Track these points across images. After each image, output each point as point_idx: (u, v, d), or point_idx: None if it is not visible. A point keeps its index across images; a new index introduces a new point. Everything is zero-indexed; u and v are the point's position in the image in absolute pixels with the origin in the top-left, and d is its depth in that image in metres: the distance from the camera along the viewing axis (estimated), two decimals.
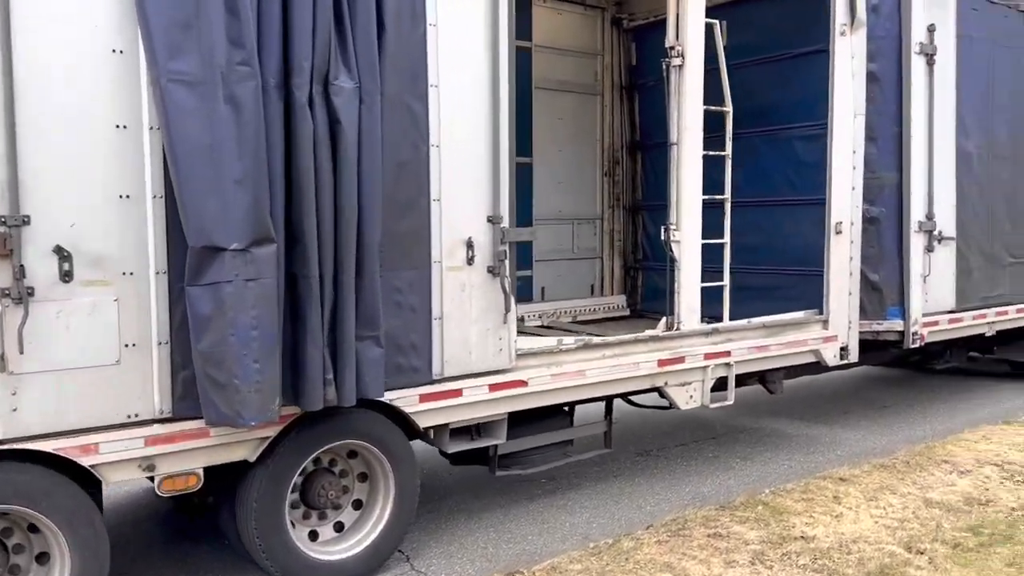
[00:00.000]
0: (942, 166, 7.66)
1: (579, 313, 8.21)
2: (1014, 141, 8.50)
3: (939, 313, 7.73)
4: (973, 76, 7.97)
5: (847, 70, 6.61)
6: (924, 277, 7.50)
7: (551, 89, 8.13)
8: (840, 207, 6.67)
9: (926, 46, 7.37)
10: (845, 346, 6.82)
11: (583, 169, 8.53)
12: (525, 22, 7.89)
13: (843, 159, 6.66)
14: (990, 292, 8.29)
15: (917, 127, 7.34)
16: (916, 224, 7.38)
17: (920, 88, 7.36)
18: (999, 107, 8.29)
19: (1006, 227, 8.44)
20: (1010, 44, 8.36)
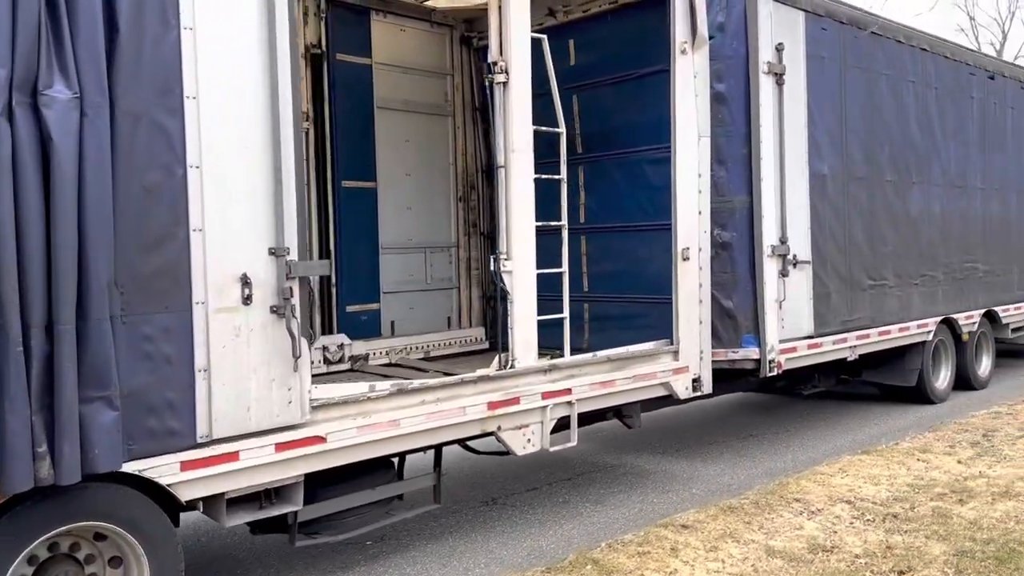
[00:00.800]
0: (795, 189, 7.50)
1: (432, 348, 7.67)
2: (870, 163, 8.48)
3: (797, 339, 7.53)
4: (825, 97, 7.89)
5: (690, 90, 6.34)
6: (779, 302, 7.28)
7: (396, 109, 7.61)
8: (687, 232, 6.36)
9: (774, 66, 7.21)
10: (697, 377, 6.49)
11: (435, 194, 8.03)
12: (363, 37, 7.41)
13: (688, 182, 6.37)
14: (850, 316, 8.18)
15: (767, 149, 7.15)
16: (769, 248, 7.17)
17: (769, 109, 7.18)
18: (853, 129, 8.24)
19: (864, 250, 8.37)
20: (862, 65, 8.35)
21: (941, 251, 9.60)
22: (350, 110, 7.22)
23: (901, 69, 8.95)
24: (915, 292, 9.15)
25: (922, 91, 9.30)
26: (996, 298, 10.76)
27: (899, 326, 8.86)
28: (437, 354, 7.63)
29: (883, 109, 8.68)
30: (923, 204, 9.31)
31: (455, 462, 6.64)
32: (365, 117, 7.36)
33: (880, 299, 8.59)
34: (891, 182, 8.80)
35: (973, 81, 10.25)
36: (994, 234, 10.70)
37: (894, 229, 8.83)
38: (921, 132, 9.30)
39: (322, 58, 6.99)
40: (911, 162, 9.13)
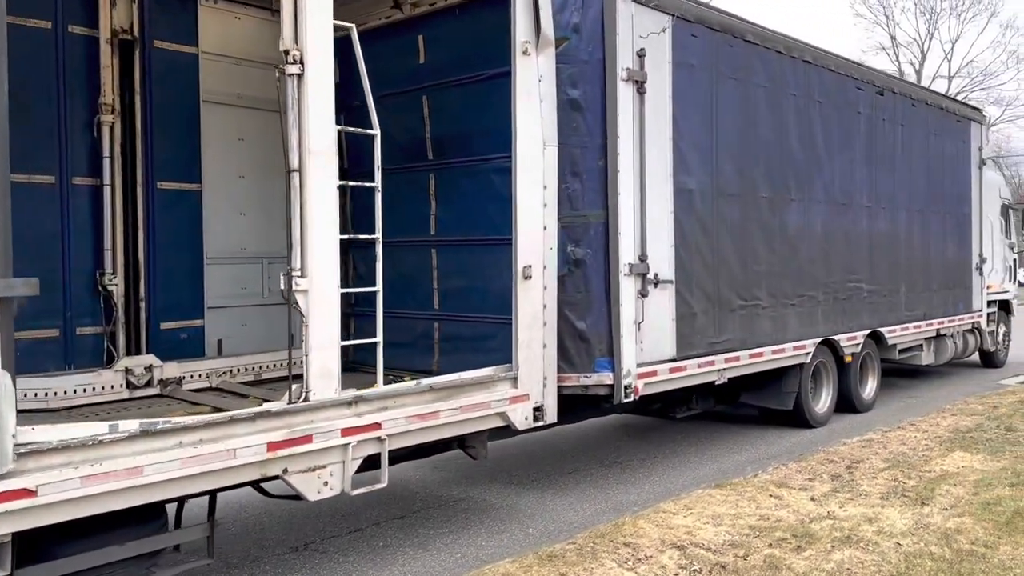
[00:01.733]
0: (657, 204, 7.06)
1: (267, 370, 6.97)
2: (743, 179, 8.12)
3: (658, 362, 7.09)
4: (694, 108, 7.49)
5: (533, 94, 5.82)
6: (638, 324, 6.83)
7: (228, 104, 6.91)
8: (530, 248, 5.84)
9: (635, 72, 6.76)
10: (540, 406, 5.96)
11: (276, 199, 7.32)
12: (188, 24, 6.69)
13: (532, 195, 5.85)
14: (718, 337, 7.79)
15: (625, 161, 6.68)
16: (626, 267, 6.71)
17: (628, 118, 6.73)
18: (725, 143, 7.86)
19: (735, 269, 8.01)
20: (737, 76, 7.99)
21: (822, 270, 9.33)
22: (169, 104, 6.50)
23: (781, 81, 8.64)
24: (792, 312, 8.85)
25: (804, 105, 9.03)
26: (882, 319, 10.58)
27: (773, 348, 8.54)
28: (270, 376, 6.94)
29: (760, 122, 8.35)
30: (802, 222, 9.02)
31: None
32: (188, 112, 6.64)
33: (752, 320, 8.24)
34: (767, 199, 8.48)
35: (860, 96, 10.05)
36: (881, 253, 10.52)
37: (769, 247, 8.51)
38: (802, 147, 9.01)
39: (134, 45, 6.25)
40: (790, 178, 8.83)
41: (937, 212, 11.97)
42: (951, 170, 12.42)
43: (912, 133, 11.26)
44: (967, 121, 13.01)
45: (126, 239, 6.27)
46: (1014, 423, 8.25)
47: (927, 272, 11.64)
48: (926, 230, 11.65)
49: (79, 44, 6.03)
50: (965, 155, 12.93)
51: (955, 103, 13.25)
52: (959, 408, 9.62)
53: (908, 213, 11.19)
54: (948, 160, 12.33)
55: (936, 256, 11.92)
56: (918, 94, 11.58)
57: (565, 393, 6.72)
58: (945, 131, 12.22)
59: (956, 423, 8.54)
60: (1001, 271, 14.77)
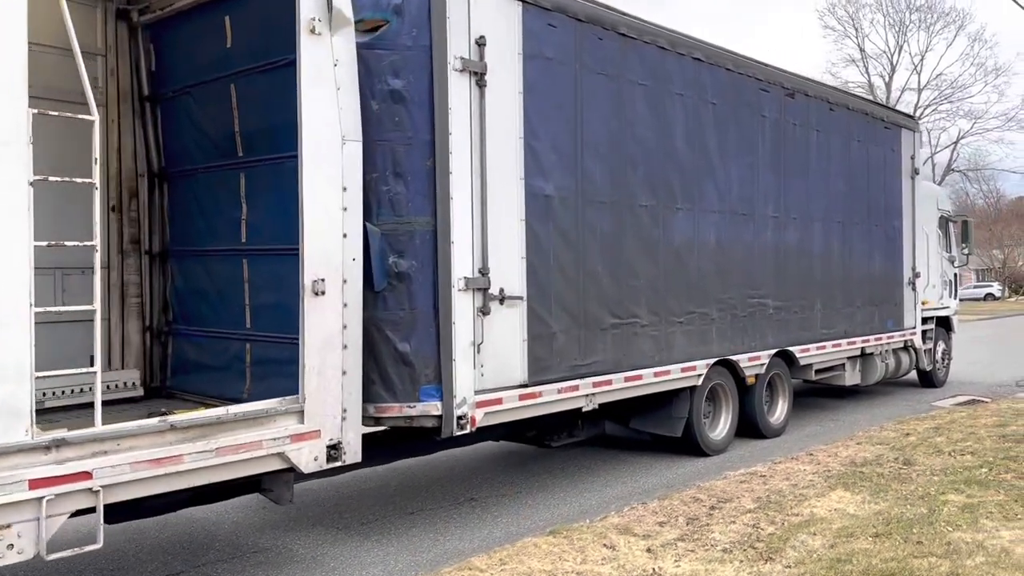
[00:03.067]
0: (504, 210, 6.29)
1: (51, 396, 6.11)
2: (616, 185, 7.37)
3: (504, 389, 6.30)
4: (553, 106, 6.73)
5: (327, 81, 5.06)
6: (477, 346, 6.04)
7: None
8: (322, 259, 5.06)
9: (472, 63, 6.00)
10: (336, 443, 5.16)
11: (76, 202, 6.49)
12: None
13: (325, 197, 5.09)
14: (584, 359, 7.01)
15: (459, 161, 5.91)
16: (461, 281, 5.93)
17: (464, 114, 5.96)
18: (593, 145, 7.11)
19: (606, 284, 7.24)
20: (608, 72, 7.25)
21: (717, 285, 8.60)
22: None
23: (665, 79, 7.92)
24: (679, 331, 8.10)
25: (695, 106, 8.31)
26: (792, 337, 9.85)
27: (656, 370, 7.78)
28: (55, 404, 6.07)
29: (638, 124, 7.61)
30: (692, 233, 8.29)
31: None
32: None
33: (628, 339, 7.47)
34: (648, 207, 7.73)
35: (765, 98, 9.35)
36: (791, 267, 9.81)
37: (650, 260, 7.76)
38: (692, 153, 8.29)
39: None
40: (676, 186, 8.09)
41: (861, 224, 11.30)
42: (878, 180, 11.76)
43: (830, 140, 10.59)
44: (896, 128, 12.37)
45: None
46: (915, 455, 7.53)
47: (848, 287, 10.94)
48: (847, 243, 10.97)
49: None
50: (895, 164, 12.29)
51: (883, 109, 12.61)
52: (870, 435, 8.90)
53: (825, 225, 10.50)
54: (874, 169, 11.68)
55: (859, 270, 11.23)
56: (837, 98, 10.90)
57: (389, 426, 5.95)
58: (871, 138, 11.57)
59: (856, 453, 7.81)
60: (939, 286, 14.11)
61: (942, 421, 9.45)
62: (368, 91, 5.68)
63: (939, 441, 8.09)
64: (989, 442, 7.93)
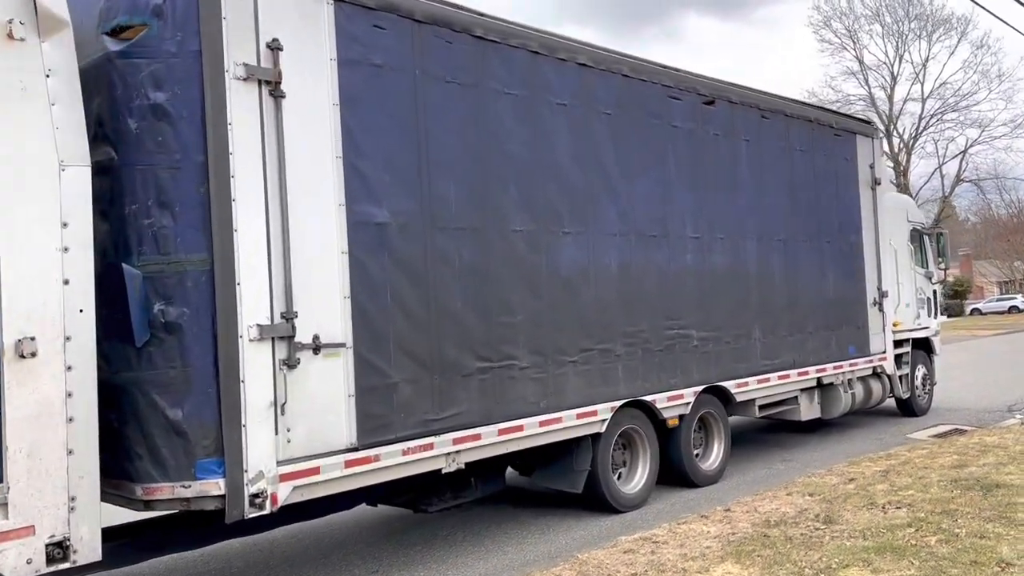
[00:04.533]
0: (316, 243, 5.34)
1: None
2: (479, 208, 6.41)
3: (322, 456, 5.29)
4: (386, 120, 5.80)
5: (35, 94, 4.15)
6: (280, 406, 5.05)
7: None
8: (30, 313, 4.10)
9: (260, 70, 5.09)
10: (62, 540, 4.15)
11: None
12: None
13: (33, 236, 4.13)
14: (441, 412, 6.00)
15: (247, 186, 4.97)
16: (253, 329, 4.95)
17: (251, 131, 5.03)
18: (444, 163, 6.16)
19: (470, 322, 6.25)
20: (462, 79, 6.33)
21: (622, 317, 7.57)
22: None
23: (542, 88, 6.97)
24: (572, 372, 7.06)
25: (584, 117, 7.35)
26: (725, 370, 8.77)
27: (542, 418, 6.74)
28: None
29: (508, 138, 6.66)
30: (586, 259, 7.29)
31: None
32: None
33: (502, 385, 6.45)
34: (524, 232, 6.75)
35: (676, 107, 8.38)
36: (720, 292, 8.76)
37: (530, 292, 6.76)
38: (583, 169, 7.32)
39: None
40: (563, 207, 7.11)
41: (809, 241, 10.24)
42: (829, 192, 10.72)
43: (764, 150, 9.58)
44: (850, 135, 11.34)
45: None
46: (843, 510, 6.41)
47: (796, 312, 9.86)
48: (792, 263, 9.90)
49: None
50: (849, 174, 11.24)
51: (832, 114, 11.55)
52: (808, 482, 7.79)
53: (762, 244, 9.45)
54: (824, 181, 10.64)
55: (809, 292, 10.15)
56: (771, 104, 9.87)
57: (164, 510, 4.95)
58: (817, 147, 10.56)
59: (778, 508, 6.71)
60: (915, 306, 12.91)
61: (897, 461, 8.31)
62: (125, 108, 4.80)
63: (879, 489, 6.97)
64: (935, 489, 6.80)
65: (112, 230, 4.85)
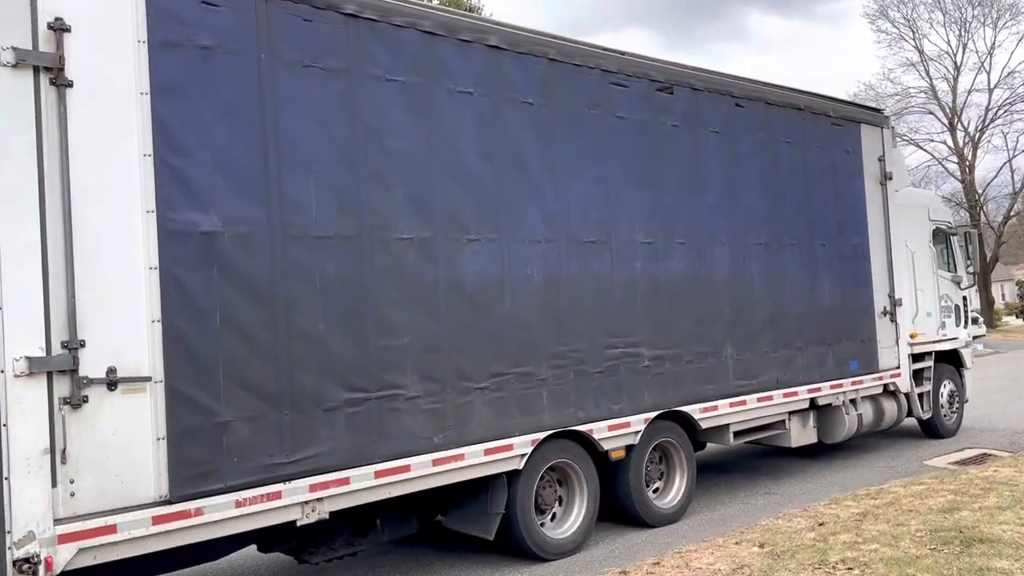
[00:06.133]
0: (114, 257, 4.52)
1: None
2: (350, 213, 5.50)
3: (121, 511, 4.44)
4: (218, 112, 4.94)
5: None
6: (59, 452, 4.24)
7: None
8: None
9: (38, 55, 4.28)
10: None
11: None
12: None
13: None
14: (292, 454, 5.11)
15: (13, 193, 4.19)
16: (21, 363, 4.17)
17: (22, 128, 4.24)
18: (301, 161, 5.28)
19: (335, 346, 5.34)
20: (326, 64, 5.45)
21: (547, 335, 6.58)
22: None
23: (438, 75, 6.04)
24: (480, 400, 6.11)
25: (495, 108, 6.39)
26: (687, 393, 7.68)
27: (435, 456, 5.80)
28: None
29: (390, 132, 5.75)
30: (498, 270, 6.32)
31: None
32: None
33: (381, 419, 5.53)
34: (413, 240, 5.82)
35: (621, 95, 7.34)
36: (680, 305, 7.68)
37: (422, 310, 5.83)
38: (493, 167, 6.36)
39: None
40: (466, 210, 6.16)
41: (798, 244, 9.05)
42: (825, 189, 9.51)
43: (739, 143, 8.46)
44: (852, 125, 10.09)
45: None
46: (782, 572, 5.30)
47: (780, 325, 8.69)
48: (776, 270, 8.74)
49: None
50: (851, 168, 9.99)
51: (829, 101, 10.20)
52: (768, 527, 6.66)
53: (736, 249, 8.31)
54: (817, 176, 9.44)
55: (798, 302, 8.96)
56: (748, 90, 8.69)
57: None
58: (810, 138, 9.38)
59: (710, 565, 5.61)
60: (938, 314, 11.52)
61: (882, 501, 7.11)
62: None
63: (841, 541, 5.82)
64: (906, 543, 5.63)
65: None
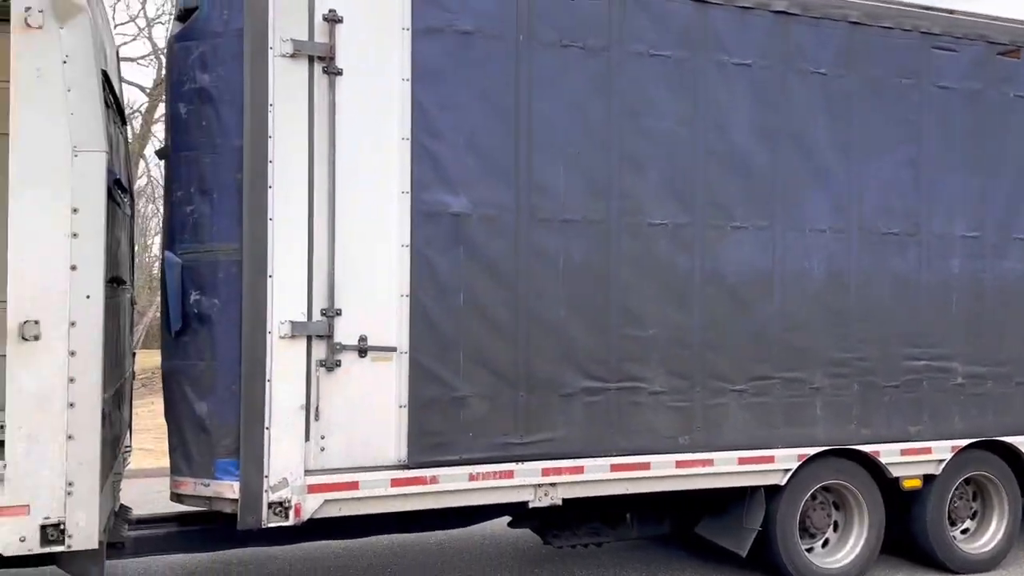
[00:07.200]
0: (369, 234, 4.80)
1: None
2: (600, 196, 5.30)
3: (363, 470, 4.76)
4: (474, 94, 5.01)
5: (52, 81, 4.18)
6: (313, 410, 4.64)
7: None
8: (35, 296, 4.16)
9: (313, 45, 4.67)
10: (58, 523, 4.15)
11: None
12: None
13: (41, 221, 4.18)
14: (525, 436, 5.09)
15: (286, 173, 4.60)
16: (285, 326, 4.59)
17: (298, 112, 4.64)
18: (551, 144, 5.18)
19: (575, 332, 5.21)
20: (585, 42, 5.26)
21: (826, 339, 5.82)
22: None
23: (707, 46, 5.54)
24: (735, 404, 5.59)
25: (778, 80, 5.74)
26: (1018, 421, 6.39)
27: (679, 457, 5.44)
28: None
29: (648, 112, 5.41)
30: (768, 261, 5.70)
31: None
32: None
33: (620, 411, 5.30)
34: (666, 226, 5.46)
35: (948, 61, 6.21)
36: (1014, 314, 6.38)
37: (672, 301, 5.45)
38: (770, 146, 5.73)
39: None
40: (732, 194, 5.63)
41: None
42: None
43: None
44: None
45: None
46: None
47: None
48: None
49: None
50: None
51: None
52: None
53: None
54: None
55: None
56: None
57: (191, 506, 4.84)
58: None
59: None
60: None
61: None
62: (177, 93, 4.75)
63: None
64: None
65: (167, 217, 4.86)
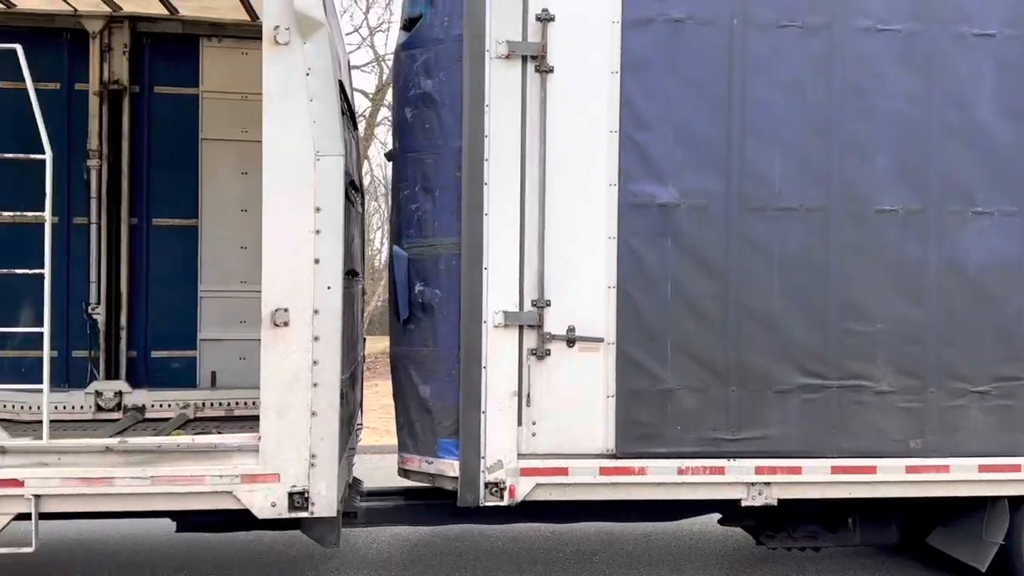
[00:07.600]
0: (579, 227, 4.90)
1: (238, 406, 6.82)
2: (816, 182, 5.05)
3: (572, 456, 4.89)
4: (683, 83, 4.96)
5: (297, 93, 4.63)
6: (525, 397, 4.83)
7: (230, 140, 7.01)
8: (285, 287, 4.63)
9: (526, 46, 4.82)
10: (302, 491, 4.64)
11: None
12: (190, 66, 7.00)
13: (291, 219, 4.64)
14: (737, 432, 4.98)
15: (501, 169, 4.81)
16: (499, 315, 4.80)
17: (511, 110, 4.82)
18: (765, 130, 5.01)
19: (789, 326, 5.02)
20: (804, 21, 5.03)
21: None
22: (165, 144, 6.94)
23: (946, 17, 5.12)
24: (976, 407, 5.13)
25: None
26: None
27: (909, 463, 5.08)
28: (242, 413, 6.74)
29: (874, 91, 5.07)
30: (1018, 251, 5.17)
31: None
32: (186, 150, 6.96)
33: (841, 411, 5.03)
34: (896, 213, 5.10)
35: None
36: None
37: (903, 294, 5.09)
38: (1019, 125, 5.19)
39: (122, 94, 6.83)
40: (973, 177, 5.16)
41: None
42: None
43: None
44: None
45: (109, 272, 6.87)
46: None
47: None
48: None
49: (81, 99, 6.87)
50: None
51: None
52: None
53: None
54: None
55: None
56: None
57: (417, 482, 5.18)
58: None
59: None
60: None
61: None
62: (403, 98, 5.09)
63: None
64: None
65: (394, 214, 5.22)
